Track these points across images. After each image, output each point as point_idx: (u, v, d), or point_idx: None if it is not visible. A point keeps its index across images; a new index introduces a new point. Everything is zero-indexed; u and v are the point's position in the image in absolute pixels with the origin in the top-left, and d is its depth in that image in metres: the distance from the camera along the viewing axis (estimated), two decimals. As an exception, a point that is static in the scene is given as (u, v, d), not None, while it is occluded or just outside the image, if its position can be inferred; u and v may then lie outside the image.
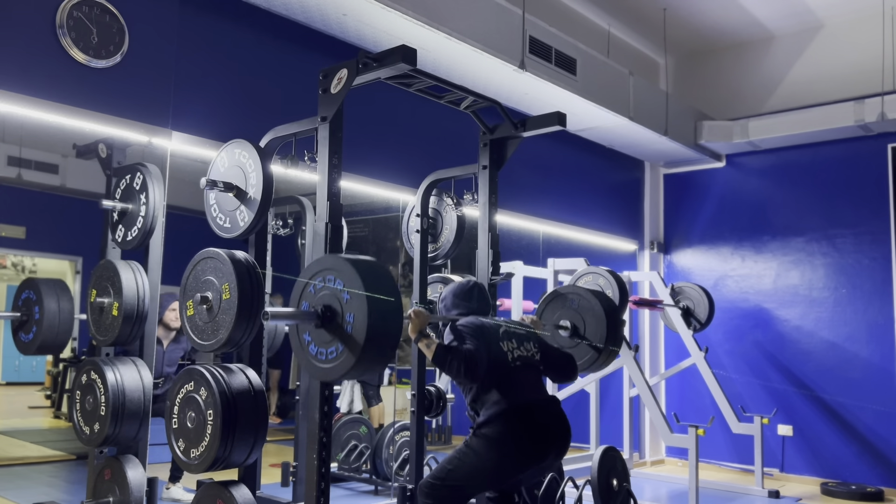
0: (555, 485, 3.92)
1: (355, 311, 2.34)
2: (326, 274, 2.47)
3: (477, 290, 3.14)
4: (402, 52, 2.72)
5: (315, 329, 2.47)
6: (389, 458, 4.94)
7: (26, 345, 3.55)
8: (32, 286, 3.53)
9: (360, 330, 2.32)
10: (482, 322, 2.92)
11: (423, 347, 2.78)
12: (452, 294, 3.13)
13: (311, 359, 2.49)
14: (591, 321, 3.58)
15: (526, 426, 2.76)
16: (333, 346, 2.41)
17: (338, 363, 2.39)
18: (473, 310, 3.07)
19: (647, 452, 6.71)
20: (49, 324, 3.45)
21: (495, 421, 2.75)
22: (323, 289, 2.46)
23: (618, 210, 6.69)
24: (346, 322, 2.37)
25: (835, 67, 6.20)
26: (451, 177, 3.77)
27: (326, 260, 2.52)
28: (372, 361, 2.39)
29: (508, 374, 2.84)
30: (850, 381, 5.92)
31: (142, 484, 3.17)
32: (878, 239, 5.91)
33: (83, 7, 3.17)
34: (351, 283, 2.38)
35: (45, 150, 4.51)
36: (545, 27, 4.78)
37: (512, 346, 2.92)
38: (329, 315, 2.42)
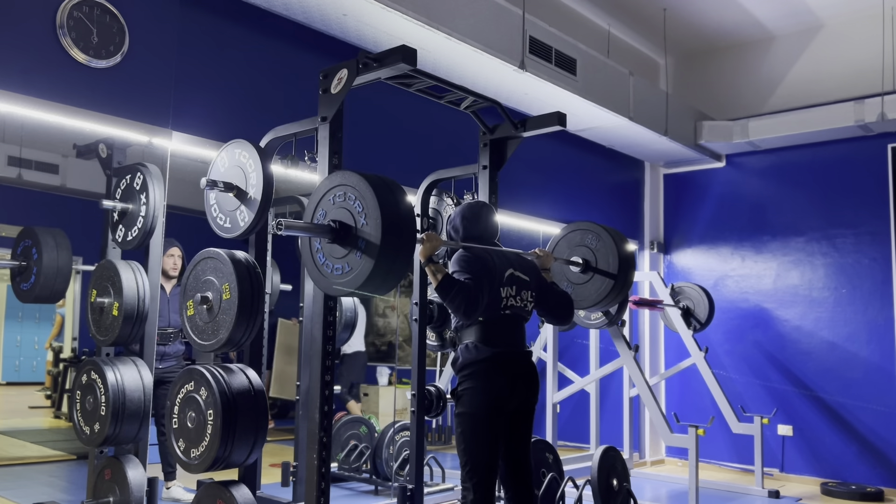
0: (555, 485, 3.93)
1: (370, 222, 2.38)
2: (339, 190, 2.50)
3: (485, 211, 3.17)
4: (402, 52, 2.72)
5: (328, 244, 2.49)
6: (389, 458, 4.94)
7: (25, 292, 3.59)
8: (31, 235, 3.55)
9: (375, 240, 2.35)
10: (492, 261, 2.97)
11: (430, 273, 2.84)
12: (461, 216, 3.15)
13: (323, 273, 2.51)
14: (603, 256, 3.63)
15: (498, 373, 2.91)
16: (347, 261, 2.44)
17: (353, 275, 2.42)
18: (481, 233, 3.11)
19: (647, 452, 6.71)
20: (47, 271, 3.48)
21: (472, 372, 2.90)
22: (337, 205, 2.49)
23: (618, 210, 6.69)
24: (360, 232, 2.40)
25: (835, 67, 6.20)
26: (451, 177, 3.78)
27: (338, 176, 2.53)
28: (387, 273, 2.42)
29: (495, 320, 2.96)
30: (850, 381, 5.92)
31: (142, 484, 3.17)
32: (878, 239, 5.91)
33: (83, 7, 3.17)
34: (364, 196, 2.41)
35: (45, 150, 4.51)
36: (545, 27, 4.78)
37: (510, 293, 3.01)
38: (343, 229, 2.45)
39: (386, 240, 2.36)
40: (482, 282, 2.88)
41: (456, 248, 3.05)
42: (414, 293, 3.65)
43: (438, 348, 3.78)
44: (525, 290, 3.09)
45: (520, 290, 3.06)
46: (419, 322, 3.58)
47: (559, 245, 3.86)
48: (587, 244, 3.73)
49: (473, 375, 2.91)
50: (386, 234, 2.36)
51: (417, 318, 3.58)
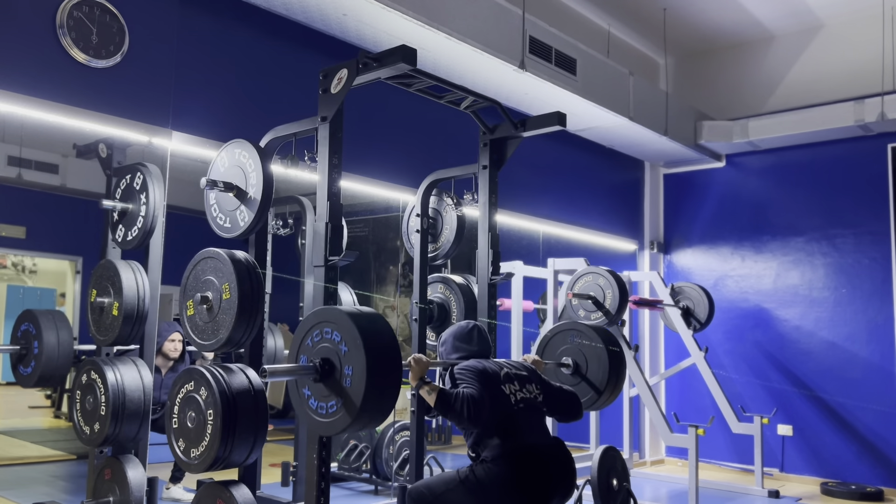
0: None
1: (354, 365, 2.31)
2: (324, 327, 2.43)
3: (476, 331, 3.08)
4: (402, 52, 2.72)
5: (314, 384, 2.44)
6: (389, 458, 4.94)
7: (25, 378, 3.48)
8: (31, 318, 3.48)
9: (359, 385, 2.29)
10: (483, 365, 2.86)
11: (425, 394, 2.71)
12: (452, 337, 3.07)
13: (310, 413, 2.46)
14: (592, 358, 3.56)
15: (529, 470, 2.70)
16: (333, 401, 2.38)
17: (336, 418, 2.36)
18: (474, 352, 3.01)
19: (647, 452, 6.71)
20: (48, 357, 3.39)
21: (499, 461, 2.69)
22: (321, 341, 2.43)
23: (618, 210, 6.69)
24: (344, 376, 2.34)
25: (835, 67, 6.20)
26: (451, 177, 3.77)
27: (324, 312, 2.48)
28: (371, 416, 2.36)
29: (511, 417, 2.78)
30: (850, 381, 5.92)
31: (142, 484, 3.17)
32: (878, 239, 5.91)
33: (83, 7, 3.17)
34: (349, 336, 2.34)
35: (45, 150, 4.51)
36: (545, 27, 4.78)
37: (514, 389, 2.85)
38: (327, 369, 2.39)
39: (371, 375, 2.29)
40: (481, 384, 2.75)
41: (446, 367, 2.97)
42: (414, 293, 3.65)
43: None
44: (528, 382, 2.94)
45: (523, 384, 2.90)
46: (419, 322, 3.58)
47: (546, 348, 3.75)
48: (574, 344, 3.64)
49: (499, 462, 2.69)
50: (371, 369, 2.29)
51: (417, 318, 3.58)
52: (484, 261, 3.55)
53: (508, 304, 5.49)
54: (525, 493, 2.69)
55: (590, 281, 4.97)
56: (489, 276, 3.53)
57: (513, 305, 5.54)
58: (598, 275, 4.94)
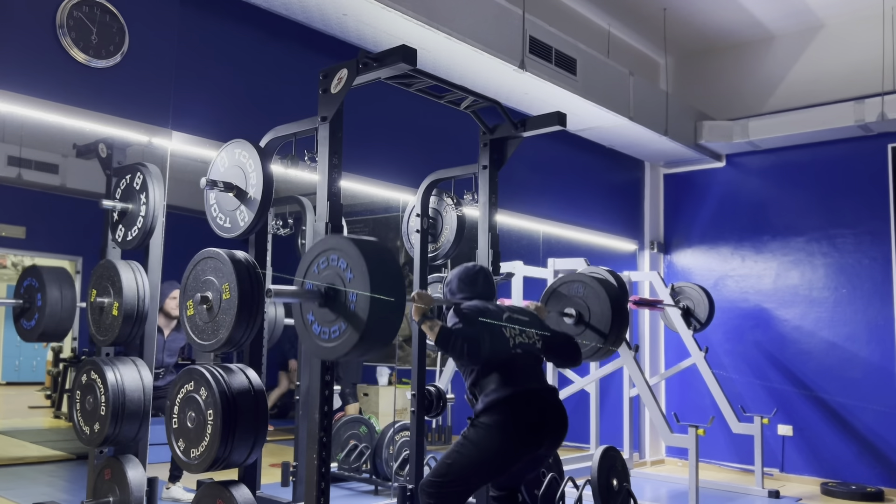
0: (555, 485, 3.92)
1: (358, 287, 2.36)
2: (330, 254, 2.49)
3: (482, 274, 3.15)
4: (402, 52, 2.72)
5: (318, 308, 2.48)
6: (389, 458, 4.94)
7: (28, 332, 3.55)
8: (35, 273, 3.53)
9: (364, 308, 2.33)
10: (486, 306, 2.94)
11: (427, 329, 2.79)
12: (458, 278, 3.14)
13: (314, 338, 2.50)
14: (595, 309, 3.60)
15: (523, 413, 2.76)
16: (336, 325, 2.42)
17: (341, 342, 2.40)
18: (478, 294, 3.08)
19: (647, 452, 6.71)
20: (51, 311, 3.45)
21: (493, 409, 2.75)
22: (326, 268, 2.47)
23: (618, 210, 6.69)
24: (349, 301, 2.38)
25: (835, 67, 6.20)
26: (451, 177, 3.77)
27: (329, 240, 2.53)
28: (375, 339, 2.40)
29: (509, 361, 2.85)
30: (850, 381, 5.92)
31: (142, 484, 3.17)
32: (878, 239, 5.91)
33: (83, 7, 3.17)
34: (354, 262, 2.39)
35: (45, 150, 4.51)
36: (545, 27, 4.78)
37: (514, 333, 2.93)
38: (332, 294, 2.43)
39: (375, 302, 2.32)
40: (483, 325, 2.80)
41: (449, 305, 3.01)
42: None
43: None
44: (529, 328, 3.02)
45: (523, 328, 2.99)
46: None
47: (551, 298, 3.79)
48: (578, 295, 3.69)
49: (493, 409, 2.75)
50: (375, 297, 2.32)
51: (417, 318, 3.58)
52: (484, 261, 3.55)
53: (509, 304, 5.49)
54: (520, 436, 2.74)
55: (590, 281, 4.96)
56: (489, 276, 3.53)
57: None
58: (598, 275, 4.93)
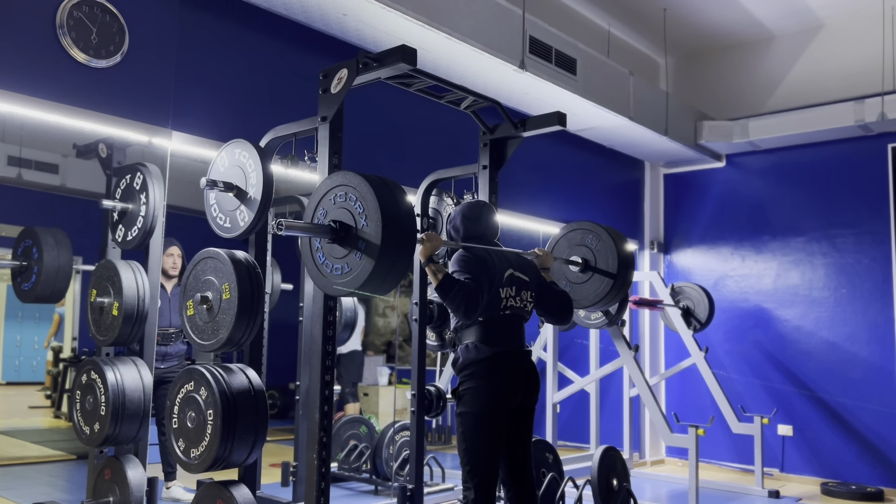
0: (555, 485, 3.93)
1: (370, 223, 2.38)
2: (339, 190, 2.50)
3: (486, 211, 3.17)
4: (402, 52, 2.72)
5: (328, 244, 2.50)
6: (389, 458, 4.94)
7: (26, 292, 3.58)
8: (31, 235, 3.55)
9: (375, 240, 2.36)
10: (492, 261, 2.97)
11: (431, 273, 2.84)
12: (461, 215, 3.15)
13: (325, 275, 2.52)
14: (601, 252, 3.65)
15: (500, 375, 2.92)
16: (347, 261, 2.44)
17: (353, 276, 2.42)
18: (482, 232, 3.11)
19: (647, 452, 6.71)
20: (48, 271, 3.47)
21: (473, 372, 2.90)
22: (337, 204, 2.50)
23: (618, 210, 6.69)
24: (361, 232, 2.41)
25: (835, 67, 6.20)
26: (451, 177, 3.77)
27: (338, 177, 2.54)
28: (387, 273, 2.42)
29: (495, 320, 2.96)
30: (850, 381, 5.92)
31: (142, 484, 3.17)
32: (878, 239, 5.91)
33: (83, 7, 3.17)
34: (364, 197, 2.41)
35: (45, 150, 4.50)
36: (545, 27, 4.78)
37: (510, 294, 3.01)
38: (343, 229, 2.45)
39: (386, 239, 2.36)
40: (482, 282, 2.88)
41: (456, 248, 3.05)
42: (414, 293, 3.65)
43: (438, 348, 3.78)
44: (525, 290, 3.09)
45: (519, 290, 3.06)
46: (419, 322, 3.58)
47: (559, 244, 3.87)
48: (587, 244, 3.75)
49: (474, 375, 2.91)
50: (386, 233, 2.36)
51: (417, 318, 3.58)
52: (484, 261, 3.54)
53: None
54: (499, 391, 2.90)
55: (590, 281, 4.96)
56: (489, 275, 3.53)
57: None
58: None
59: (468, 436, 2.88)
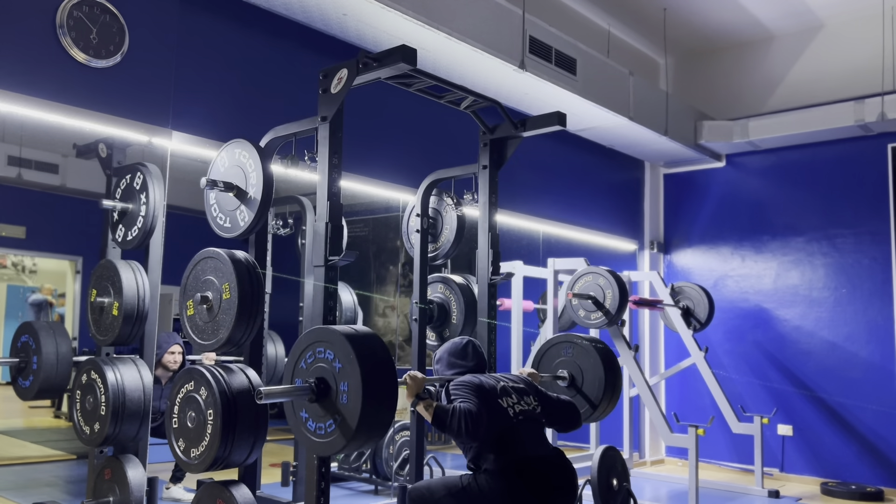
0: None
1: (349, 384, 2.30)
2: (318, 346, 2.43)
3: (471, 347, 3.08)
4: (402, 52, 2.72)
5: (310, 404, 2.43)
6: (389, 457, 4.94)
7: (25, 390, 3.45)
8: (30, 331, 3.45)
9: (355, 404, 2.28)
10: (480, 380, 2.85)
11: (422, 410, 2.71)
12: (447, 353, 3.08)
13: (307, 434, 2.45)
14: (588, 370, 3.56)
15: (530, 481, 2.70)
16: (330, 420, 2.36)
17: (334, 438, 2.35)
18: (470, 367, 3.01)
19: (647, 452, 6.71)
20: (47, 369, 3.37)
21: (500, 473, 2.69)
22: (315, 361, 2.42)
23: (618, 210, 6.69)
24: (340, 394, 2.33)
25: (835, 67, 6.20)
26: (451, 177, 3.77)
27: (318, 332, 2.47)
28: (368, 435, 2.35)
29: (512, 430, 2.77)
30: (850, 381, 5.92)
31: (142, 484, 3.17)
32: (878, 239, 5.91)
33: (83, 7, 3.17)
34: (343, 355, 2.33)
35: (45, 150, 4.50)
36: (545, 27, 4.78)
37: (512, 402, 2.85)
38: (323, 388, 2.38)
39: (367, 398, 2.28)
40: (479, 399, 2.73)
41: (442, 384, 2.96)
42: (414, 293, 3.65)
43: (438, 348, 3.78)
44: (525, 395, 2.93)
45: (520, 396, 2.90)
46: (419, 322, 3.58)
47: (542, 361, 3.74)
48: (565, 356, 3.65)
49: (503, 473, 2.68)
50: (366, 391, 2.28)
51: (417, 318, 3.58)
52: (484, 261, 3.55)
53: (508, 303, 5.49)
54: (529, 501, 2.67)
55: (590, 281, 4.97)
56: (489, 276, 3.53)
57: (513, 305, 5.54)
58: (598, 275, 4.94)
59: None
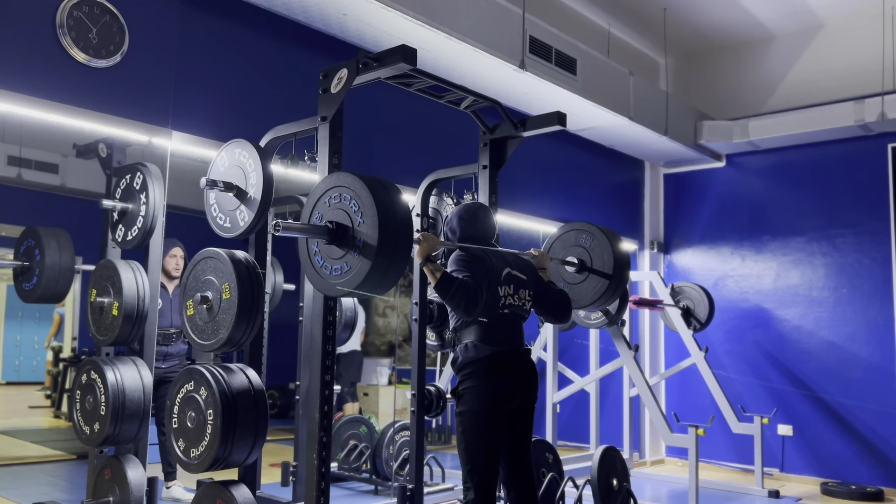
0: (555, 485, 3.93)
1: (366, 221, 2.39)
2: (335, 192, 2.51)
3: (482, 212, 3.17)
4: (402, 51, 2.72)
5: (325, 245, 2.50)
6: (389, 457, 4.94)
7: (27, 293, 3.58)
8: (33, 235, 3.55)
9: (372, 239, 2.36)
10: (488, 257, 2.99)
11: (429, 272, 2.86)
12: (458, 217, 3.16)
13: (324, 276, 2.52)
14: (598, 257, 3.65)
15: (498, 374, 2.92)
16: (345, 261, 2.45)
17: (351, 275, 2.42)
18: (478, 233, 3.12)
19: (647, 452, 6.71)
20: (50, 271, 3.47)
21: (472, 371, 2.91)
22: (332, 206, 2.50)
23: (618, 210, 6.69)
24: (357, 231, 2.41)
25: (835, 67, 6.20)
26: (451, 177, 3.77)
27: (335, 178, 2.54)
28: (385, 271, 2.42)
29: (494, 319, 2.97)
30: (850, 381, 5.92)
31: (142, 483, 3.17)
32: (878, 239, 5.91)
33: (83, 7, 3.17)
34: (360, 196, 2.42)
35: (45, 150, 4.51)
36: (545, 27, 4.78)
37: (508, 292, 3.02)
38: (340, 229, 2.46)
39: (383, 239, 2.37)
40: (480, 279, 2.89)
41: (453, 249, 3.05)
42: (414, 293, 3.65)
43: (438, 348, 3.78)
44: (523, 288, 3.10)
45: (517, 289, 3.08)
46: (419, 322, 3.58)
47: (555, 245, 3.87)
48: (582, 244, 3.76)
49: (474, 374, 2.92)
50: (383, 230, 2.37)
51: (417, 317, 3.58)
52: (484, 260, 3.54)
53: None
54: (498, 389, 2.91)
55: (590, 281, 4.96)
56: (489, 275, 3.53)
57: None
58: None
59: (468, 435, 2.88)
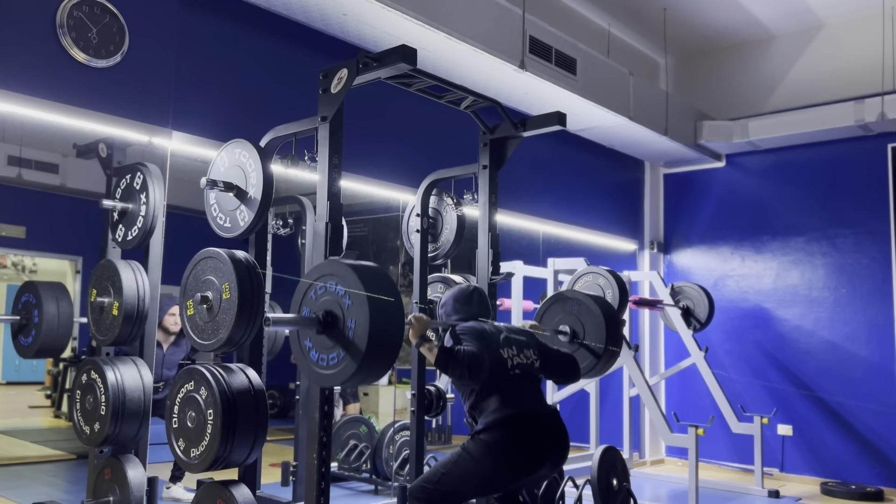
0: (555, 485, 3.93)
1: (357, 317, 2.33)
2: (327, 279, 2.45)
3: (477, 294, 3.12)
4: (402, 51, 2.72)
5: (316, 335, 2.45)
6: (389, 457, 4.94)
7: (26, 348, 3.53)
8: (32, 289, 3.51)
9: (362, 335, 2.30)
10: (483, 327, 2.91)
11: (426, 352, 2.75)
12: (453, 299, 3.11)
13: (312, 365, 2.47)
14: (590, 326, 3.57)
15: (523, 436, 2.74)
16: (335, 353, 2.39)
17: (339, 369, 2.37)
18: (474, 314, 3.05)
19: (647, 452, 6.71)
20: (48, 327, 3.43)
21: (494, 428, 2.74)
22: (324, 294, 2.44)
23: (618, 210, 6.69)
24: (347, 328, 2.35)
25: (835, 67, 6.20)
26: (451, 177, 3.77)
27: (327, 265, 2.50)
28: (374, 367, 2.37)
29: (508, 382, 2.83)
30: (850, 381, 5.92)
31: (142, 483, 3.17)
32: (878, 239, 5.91)
33: (83, 7, 3.17)
34: (352, 288, 2.36)
35: (45, 150, 4.51)
36: (545, 27, 4.78)
37: (512, 353, 2.90)
38: (330, 321, 2.40)
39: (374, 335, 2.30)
40: (481, 344, 2.79)
41: (446, 328, 2.99)
42: (414, 293, 3.65)
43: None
44: (526, 348, 2.99)
45: (521, 349, 2.96)
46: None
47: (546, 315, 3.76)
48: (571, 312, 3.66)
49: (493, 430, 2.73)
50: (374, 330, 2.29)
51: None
52: (484, 261, 3.55)
53: (508, 303, 5.49)
54: (519, 459, 2.72)
55: (590, 281, 4.97)
56: (489, 275, 3.53)
57: (513, 305, 5.54)
58: (598, 274, 4.93)
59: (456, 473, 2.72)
